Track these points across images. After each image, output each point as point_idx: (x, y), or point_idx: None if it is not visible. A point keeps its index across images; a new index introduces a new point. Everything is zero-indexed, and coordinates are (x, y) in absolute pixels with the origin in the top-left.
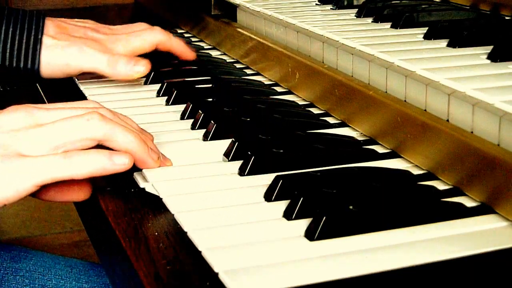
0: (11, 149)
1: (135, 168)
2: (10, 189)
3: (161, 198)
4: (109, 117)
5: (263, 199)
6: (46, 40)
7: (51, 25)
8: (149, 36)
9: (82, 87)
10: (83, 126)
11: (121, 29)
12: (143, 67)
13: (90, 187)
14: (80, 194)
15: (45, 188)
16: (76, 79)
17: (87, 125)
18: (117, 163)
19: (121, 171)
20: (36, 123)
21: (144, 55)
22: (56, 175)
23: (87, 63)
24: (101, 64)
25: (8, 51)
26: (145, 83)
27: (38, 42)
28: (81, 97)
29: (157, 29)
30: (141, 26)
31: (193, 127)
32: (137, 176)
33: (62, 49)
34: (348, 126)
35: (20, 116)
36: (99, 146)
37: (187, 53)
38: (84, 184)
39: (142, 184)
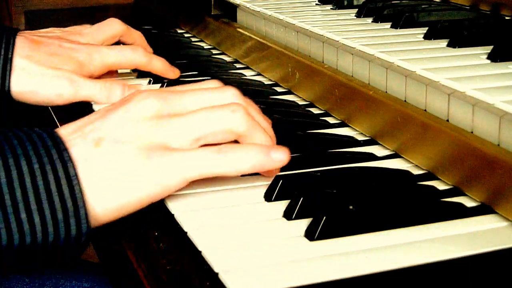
0: (154, 141)
1: None
2: (160, 185)
3: (162, 198)
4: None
5: (263, 199)
6: (16, 62)
7: (24, 41)
8: (130, 56)
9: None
10: (227, 118)
11: (93, 32)
12: None
13: None
14: None
15: None
16: None
17: (232, 117)
18: (275, 160)
19: (278, 167)
20: (174, 112)
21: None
22: (210, 171)
23: (80, 92)
24: (95, 93)
25: None
26: (148, 83)
27: (8, 61)
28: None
29: (140, 51)
30: (113, 24)
31: None
32: None
33: (50, 78)
34: (348, 126)
35: (154, 103)
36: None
37: (168, 73)
38: None
39: None
